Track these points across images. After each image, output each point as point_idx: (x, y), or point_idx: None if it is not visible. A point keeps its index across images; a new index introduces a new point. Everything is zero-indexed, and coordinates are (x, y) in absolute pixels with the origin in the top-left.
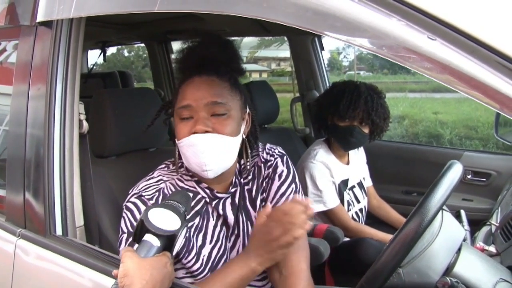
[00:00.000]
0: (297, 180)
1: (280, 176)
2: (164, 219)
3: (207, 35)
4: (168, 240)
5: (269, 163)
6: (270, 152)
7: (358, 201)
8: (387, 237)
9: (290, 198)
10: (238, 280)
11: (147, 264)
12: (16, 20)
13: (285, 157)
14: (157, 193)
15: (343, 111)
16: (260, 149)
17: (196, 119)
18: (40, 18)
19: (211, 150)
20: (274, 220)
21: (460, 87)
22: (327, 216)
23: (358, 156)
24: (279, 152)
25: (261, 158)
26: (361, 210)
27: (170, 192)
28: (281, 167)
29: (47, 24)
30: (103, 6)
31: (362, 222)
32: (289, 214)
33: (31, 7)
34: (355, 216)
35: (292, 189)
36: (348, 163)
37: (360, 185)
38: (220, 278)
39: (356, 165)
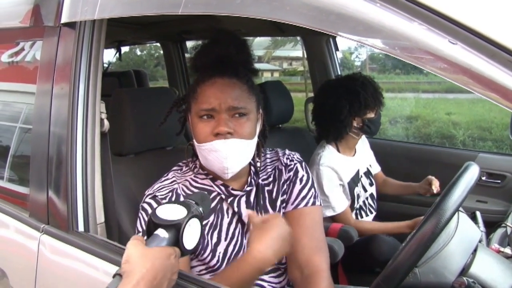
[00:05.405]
0: (315, 184)
1: (301, 180)
2: (171, 213)
3: (224, 33)
4: (175, 230)
5: (289, 167)
6: (290, 157)
7: (366, 190)
8: (384, 225)
9: (311, 202)
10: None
11: (149, 253)
12: (41, 21)
13: (303, 163)
14: (170, 193)
15: (372, 102)
16: (280, 154)
17: (218, 120)
18: (64, 19)
19: (233, 155)
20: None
21: (480, 90)
22: (332, 218)
23: (363, 142)
24: (298, 158)
25: (282, 162)
26: (367, 198)
27: (183, 192)
28: (301, 172)
29: (70, 25)
30: (127, 8)
31: (368, 210)
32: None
33: (55, 8)
34: (362, 205)
35: (312, 193)
36: (354, 154)
37: (367, 174)
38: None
39: (362, 152)
